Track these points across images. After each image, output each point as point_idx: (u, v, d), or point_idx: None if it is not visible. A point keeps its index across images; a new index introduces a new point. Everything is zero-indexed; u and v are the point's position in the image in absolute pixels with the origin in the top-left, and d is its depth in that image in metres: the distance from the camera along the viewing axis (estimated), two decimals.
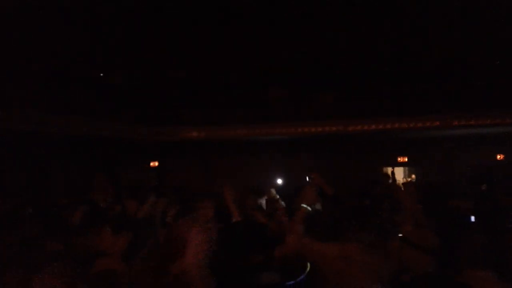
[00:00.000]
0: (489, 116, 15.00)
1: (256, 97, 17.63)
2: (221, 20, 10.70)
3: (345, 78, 15.31)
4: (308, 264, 2.46)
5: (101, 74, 14.87)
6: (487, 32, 11.23)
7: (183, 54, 13.03)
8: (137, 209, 4.89)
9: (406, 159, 18.91)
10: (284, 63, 13.98)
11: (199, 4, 9.80)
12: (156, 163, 19.98)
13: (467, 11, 9.89)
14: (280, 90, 17.07)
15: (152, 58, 13.36)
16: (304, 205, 3.00)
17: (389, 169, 13.10)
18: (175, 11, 10.12)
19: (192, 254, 2.52)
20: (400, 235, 2.97)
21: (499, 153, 17.86)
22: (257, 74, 15.18)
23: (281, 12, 10.40)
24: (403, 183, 11.84)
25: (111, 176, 18.27)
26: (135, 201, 5.23)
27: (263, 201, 7.61)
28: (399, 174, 19.41)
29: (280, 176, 17.55)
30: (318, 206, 5.39)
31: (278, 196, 8.48)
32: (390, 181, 10.09)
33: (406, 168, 20.12)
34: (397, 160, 18.73)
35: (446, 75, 15.08)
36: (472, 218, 4.25)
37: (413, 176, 19.02)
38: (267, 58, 13.49)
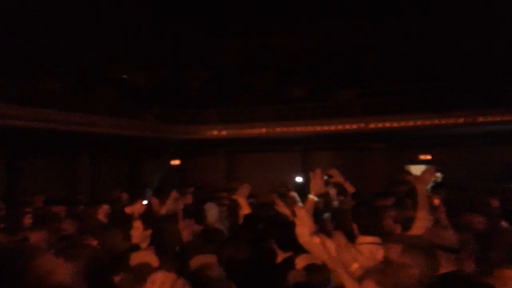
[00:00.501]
0: None
1: (277, 95, 17.64)
2: (242, 20, 10.75)
3: (367, 75, 15.20)
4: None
5: (124, 76, 15.10)
6: None
7: (205, 54, 13.15)
8: (160, 206, 4.96)
9: (429, 157, 18.62)
10: (305, 61, 13.96)
11: (223, 6, 9.89)
12: (178, 161, 20.16)
13: (493, 10, 9.73)
14: (301, 88, 17.04)
15: (175, 58, 13.50)
16: (312, 196, 2.96)
17: (413, 167, 12.93)
18: (198, 14, 10.24)
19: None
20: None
21: None
22: (278, 73, 15.19)
23: (302, 11, 10.40)
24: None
25: (135, 174, 18.58)
26: (159, 198, 5.31)
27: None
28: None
29: (301, 174, 17.52)
30: (336, 204, 5.36)
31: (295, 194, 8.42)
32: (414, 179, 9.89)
33: (429, 166, 19.79)
34: (420, 157, 18.46)
35: (470, 71, 14.82)
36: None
37: (438, 174, 18.69)
38: (288, 57, 13.50)
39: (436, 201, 4.24)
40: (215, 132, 17.27)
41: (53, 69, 13.74)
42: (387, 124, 15.90)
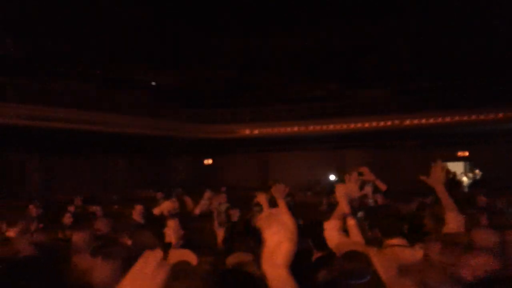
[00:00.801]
0: None
1: (309, 93, 17.52)
2: (271, 19, 10.76)
3: (400, 72, 14.91)
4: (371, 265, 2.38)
5: (153, 83, 15.32)
6: None
7: (235, 53, 13.20)
8: (194, 205, 5.00)
9: (466, 154, 18.12)
10: (338, 58, 13.82)
11: (253, 6, 9.91)
12: (210, 161, 20.30)
13: None
14: (333, 85, 16.88)
15: (206, 58, 13.60)
16: (351, 199, 2.89)
17: (449, 164, 12.59)
18: (226, 14, 10.29)
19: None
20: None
21: None
22: (310, 71, 15.09)
23: (334, 9, 10.32)
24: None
25: (168, 173, 18.82)
26: (192, 198, 5.34)
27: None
28: (459, 169, 18.62)
29: (333, 172, 17.37)
30: (371, 202, 5.26)
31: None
32: (451, 177, 9.67)
33: (466, 162, 19.28)
34: (456, 154, 17.99)
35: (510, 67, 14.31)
36: None
37: (477, 171, 18.18)
38: (320, 54, 13.39)
39: (482, 200, 4.10)
40: (247, 131, 17.30)
41: (88, 72, 14.08)
42: (423, 121, 15.57)
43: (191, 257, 2.53)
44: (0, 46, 11.29)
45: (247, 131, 17.24)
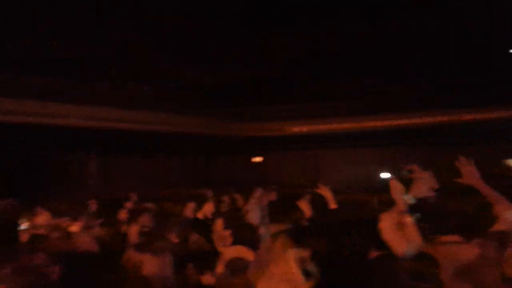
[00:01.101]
0: None
1: (357, 88, 17.22)
2: (316, 16, 10.69)
3: (449, 65, 14.34)
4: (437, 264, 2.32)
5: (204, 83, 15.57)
6: None
7: (282, 51, 13.19)
8: (244, 204, 5.05)
9: None
10: (384, 52, 13.50)
11: (296, 5, 9.89)
12: (259, 159, 20.40)
13: None
14: (381, 80, 16.49)
15: (253, 57, 13.67)
16: (405, 197, 2.83)
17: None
18: (268, 13, 10.32)
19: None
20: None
21: None
22: (356, 67, 14.83)
23: (376, 5, 10.15)
24: None
25: (216, 172, 19.10)
26: (242, 196, 5.41)
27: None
28: None
29: (385, 169, 17.04)
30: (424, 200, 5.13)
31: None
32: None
33: None
34: None
35: None
36: None
37: None
38: (365, 48, 13.14)
39: None
40: (296, 129, 17.27)
41: (138, 72, 14.51)
42: (478, 116, 14.96)
43: (247, 254, 2.57)
44: (53, 48, 11.86)
45: (296, 129, 17.20)
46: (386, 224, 2.70)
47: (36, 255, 2.69)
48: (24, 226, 5.09)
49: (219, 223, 3.63)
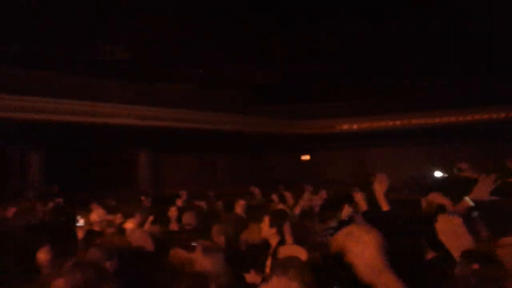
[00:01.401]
0: None
1: (406, 85, 16.74)
2: (365, 13, 10.51)
3: (495, 60, 13.64)
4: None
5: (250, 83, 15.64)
6: None
7: (331, 48, 13.03)
8: (294, 201, 5.01)
9: None
10: (435, 48, 13.04)
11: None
12: (308, 157, 20.26)
13: None
14: (430, 77, 15.92)
15: (302, 54, 13.60)
16: (468, 198, 2.69)
17: None
18: (320, 9, 10.22)
19: None
20: None
21: None
22: (406, 62, 14.42)
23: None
24: None
25: (266, 170, 19.13)
26: (291, 194, 5.36)
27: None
28: None
29: (432, 167, 16.47)
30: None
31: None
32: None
33: None
34: None
35: None
36: None
37: None
38: (416, 44, 12.76)
39: None
40: (344, 126, 17.02)
41: (188, 72, 14.75)
42: None
43: (300, 252, 2.53)
44: (107, 50, 12.26)
45: (346, 126, 16.96)
46: (444, 225, 2.57)
47: (91, 250, 2.77)
48: (80, 223, 5.27)
49: (266, 221, 3.59)
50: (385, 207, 4.11)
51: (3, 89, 10.76)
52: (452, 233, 2.57)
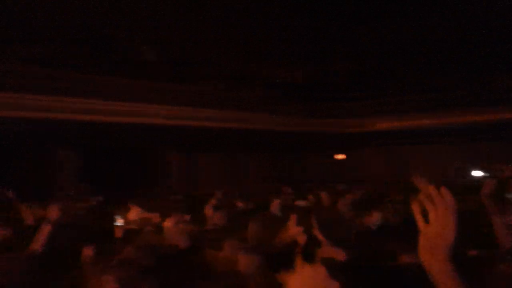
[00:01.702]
0: None
1: (438, 83, 16.35)
2: (390, 10, 10.37)
3: None
4: None
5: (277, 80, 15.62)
6: None
7: (366, 47, 12.90)
8: (328, 200, 4.99)
9: None
10: (465, 44, 12.67)
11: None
12: (343, 156, 20.09)
13: None
14: (462, 74, 15.49)
15: (336, 52, 13.50)
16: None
17: None
18: (354, 6, 10.14)
19: None
20: None
21: None
22: (437, 60, 14.09)
23: None
24: None
25: (298, 169, 19.10)
26: (326, 193, 5.34)
27: None
28: None
29: (468, 166, 16.06)
30: None
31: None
32: None
33: None
34: None
35: None
36: None
37: None
38: (446, 41, 12.45)
39: None
40: (378, 125, 16.78)
41: (220, 72, 14.87)
42: None
43: (338, 254, 2.52)
44: (145, 51, 12.50)
45: (379, 125, 16.70)
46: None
47: (130, 248, 2.84)
48: (119, 222, 5.40)
49: (293, 219, 3.58)
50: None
51: (47, 91, 11.18)
52: (503, 231, 2.55)
